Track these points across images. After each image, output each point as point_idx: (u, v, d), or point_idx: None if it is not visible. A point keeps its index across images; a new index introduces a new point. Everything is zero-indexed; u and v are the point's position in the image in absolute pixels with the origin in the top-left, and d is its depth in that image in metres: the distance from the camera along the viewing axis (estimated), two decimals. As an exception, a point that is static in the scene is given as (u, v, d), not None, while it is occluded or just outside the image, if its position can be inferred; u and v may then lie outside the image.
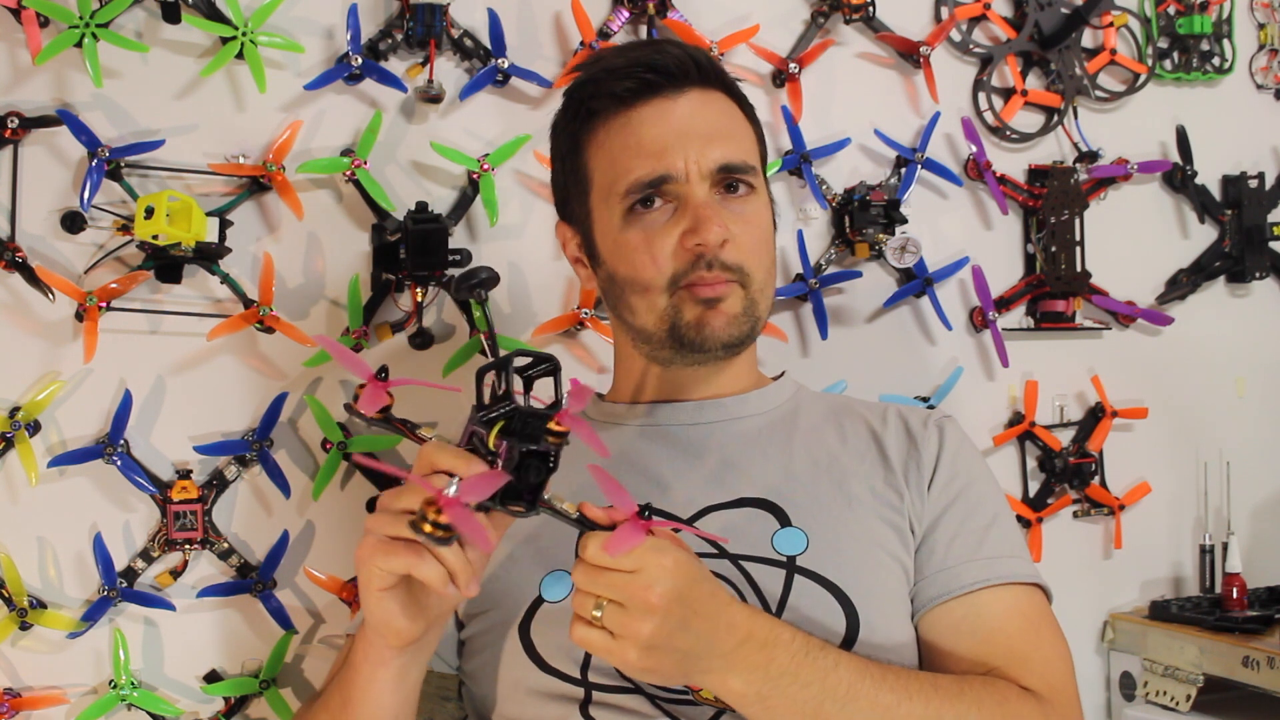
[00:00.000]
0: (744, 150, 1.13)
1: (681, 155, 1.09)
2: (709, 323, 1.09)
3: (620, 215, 1.11)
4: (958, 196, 1.66)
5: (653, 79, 1.11)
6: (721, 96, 1.15)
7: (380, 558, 0.86)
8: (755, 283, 1.11)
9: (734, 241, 1.09)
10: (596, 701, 1.02)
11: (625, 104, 1.12)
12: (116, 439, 1.33)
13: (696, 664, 0.89)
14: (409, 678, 0.99)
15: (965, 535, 1.09)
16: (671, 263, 1.09)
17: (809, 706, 0.92)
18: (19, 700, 1.30)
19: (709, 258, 1.08)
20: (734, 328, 1.10)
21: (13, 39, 1.32)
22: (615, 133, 1.12)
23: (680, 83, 1.11)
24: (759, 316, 1.13)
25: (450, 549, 0.84)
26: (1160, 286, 1.76)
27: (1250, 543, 1.75)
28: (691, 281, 1.09)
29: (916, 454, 1.13)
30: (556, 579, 1.07)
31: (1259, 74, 1.82)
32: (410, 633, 0.92)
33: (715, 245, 1.07)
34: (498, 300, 1.47)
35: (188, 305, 1.37)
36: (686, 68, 1.11)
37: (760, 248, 1.12)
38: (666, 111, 1.11)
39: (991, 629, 1.06)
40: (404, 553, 0.85)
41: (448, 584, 0.86)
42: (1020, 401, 1.67)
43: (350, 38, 1.39)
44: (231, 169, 1.36)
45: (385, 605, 0.89)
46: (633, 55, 1.14)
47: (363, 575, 0.88)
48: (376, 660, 0.96)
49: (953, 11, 1.64)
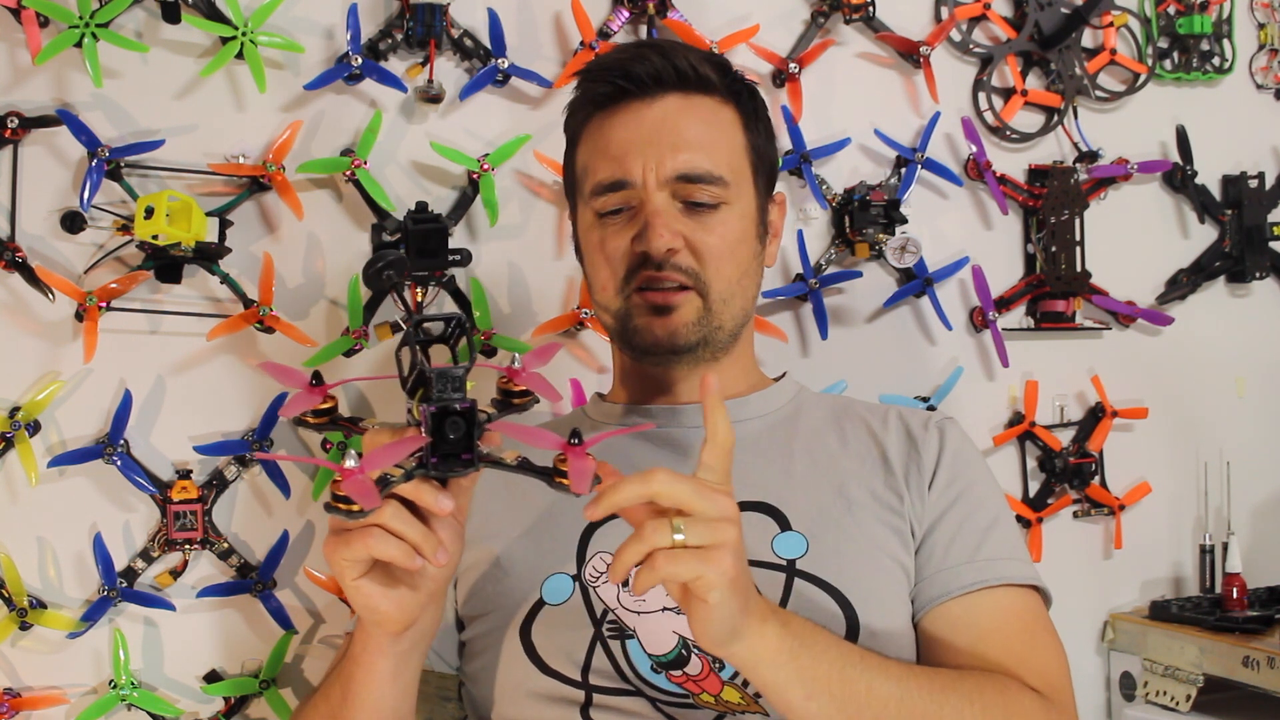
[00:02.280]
0: (713, 160, 1.12)
1: (640, 162, 1.10)
2: (654, 330, 1.11)
3: (591, 214, 1.14)
4: (958, 196, 1.66)
5: (625, 85, 1.12)
6: (709, 103, 1.14)
7: (341, 549, 0.86)
8: (715, 292, 1.11)
9: (692, 249, 1.10)
10: (597, 704, 1.02)
11: (602, 107, 1.14)
12: (116, 439, 1.33)
13: (750, 599, 0.88)
14: (408, 668, 0.98)
15: (964, 537, 1.09)
16: (623, 264, 1.11)
17: (834, 668, 0.92)
18: (19, 700, 1.30)
19: (658, 261, 1.09)
20: (682, 336, 1.11)
21: (13, 39, 1.33)
22: (592, 134, 1.15)
23: (653, 90, 1.12)
24: (718, 326, 1.12)
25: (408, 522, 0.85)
26: (1160, 286, 1.76)
27: (1250, 543, 1.75)
28: (639, 284, 1.10)
29: (917, 456, 1.13)
30: (557, 581, 1.07)
31: (1259, 74, 1.82)
32: (398, 616, 0.92)
33: (659, 252, 1.08)
34: (497, 300, 1.47)
35: (188, 305, 1.37)
36: (662, 75, 1.12)
37: (723, 257, 1.11)
38: (638, 117, 1.12)
39: (989, 628, 1.06)
40: (360, 538, 0.85)
41: (413, 558, 0.86)
42: (1020, 401, 1.67)
43: (350, 38, 1.39)
44: (231, 169, 1.36)
45: (364, 592, 0.90)
46: (616, 58, 1.15)
47: (334, 570, 0.89)
48: (375, 650, 0.96)
49: (953, 11, 1.64)
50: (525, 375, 0.90)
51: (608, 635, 1.03)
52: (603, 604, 1.04)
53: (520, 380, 0.90)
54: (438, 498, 0.85)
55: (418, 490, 0.85)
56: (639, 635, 1.02)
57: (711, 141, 1.12)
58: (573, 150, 1.19)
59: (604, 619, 1.03)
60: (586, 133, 1.16)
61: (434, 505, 0.85)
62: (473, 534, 1.13)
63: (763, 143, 1.18)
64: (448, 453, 0.84)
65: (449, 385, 0.85)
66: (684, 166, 1.10)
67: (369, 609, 0.91)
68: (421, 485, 0.85)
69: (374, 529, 0.85)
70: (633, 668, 1.02)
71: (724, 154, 1.13)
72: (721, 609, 0.84)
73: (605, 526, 1.08)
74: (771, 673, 0.90)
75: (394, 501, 0.86)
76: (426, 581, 0.92)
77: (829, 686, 0.91)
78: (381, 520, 0.85)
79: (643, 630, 1.02)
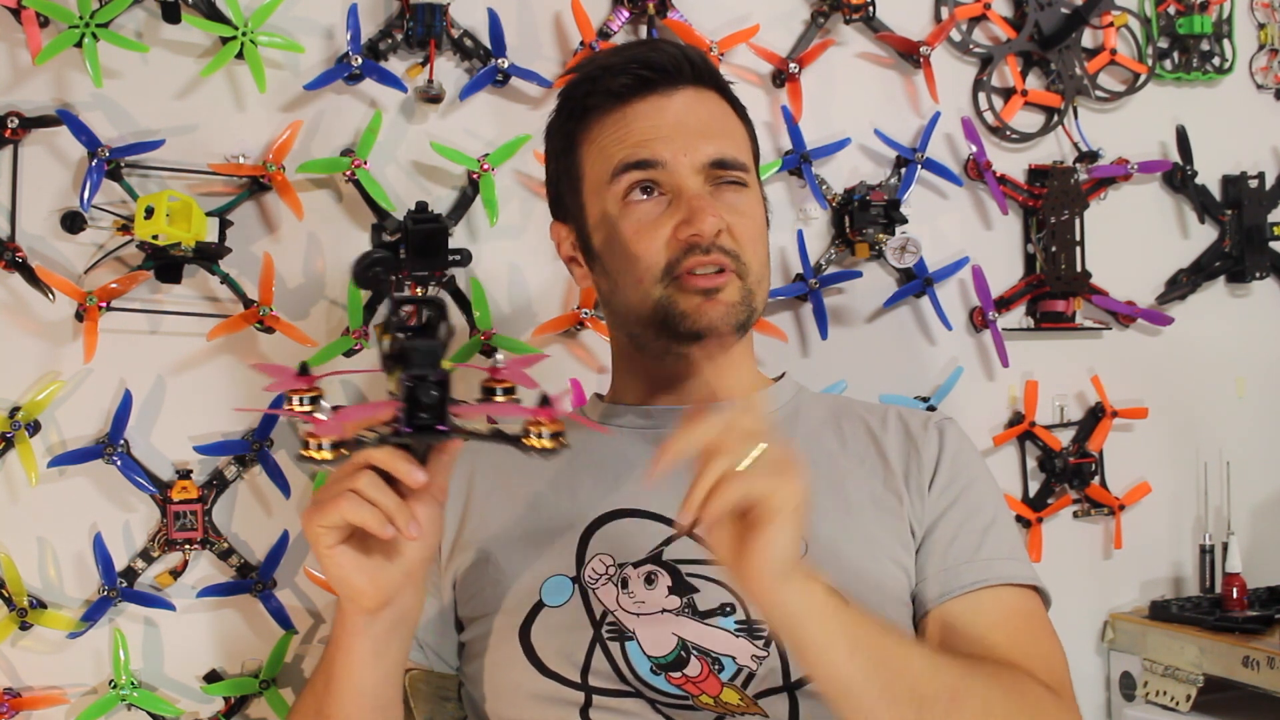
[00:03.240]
0: (738, 148, 1.14)
1: (670, 147, 1.10)
2: (706, 312, 1.09)
3: (614, 205, 1.12)
4: (958, 196, 1.66)
5: (648, 75, 1.12)
6: (715, 96, 1.16)
7: (316, 515, 0.88)
8: (752, 273, 1.11)
9: (730, 231, 1.10)
10: (597, 706, 1.01)
11: (620, 100, 1.13)
12: (116, 439, 1.33)
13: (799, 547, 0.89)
14: (389, 653, 0.98)
15: (965, 536, 1.09)
16: (665, 253, 1.09)
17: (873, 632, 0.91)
18: (19, 700, 1.30)
19: (704, 244, 1.08)
20: (732, 316, 1.10)
21: (13, 39, 1.32)
22: (609, 128, 1.13)
23: (675, 80, 1.13)
24: (755, 308, 1.13)
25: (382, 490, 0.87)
26: (1160, 286, 1.76)
27: (1250, 543, 1.75)
28: (687, 269, 1.09)
29: (917, 456, 1.13)
30: (557, 583, 1.07)
31: (1259, 74, 1.82)
32: (372, 591, 0.91)
33: (710, 235, 1.08)
34: (497, 300, 1.47)
35: (188, 305, 1.37)
36: (681, 66, 1.13)
37: (756, 240, 1.13)
38: (661, 107, 1.12)
39: (993, 624, 1.06)
40: (334, 503, 0.87)
41: (385, 525, 0.87)
42: (1020, 401, 1.67)
43: (350, 38, 1.39)
44: (231, 169, 1.36)
45: (337, 562, 0.90)
46: (629, 53, 1.16)
47: (310, 540, 0.90)
48: (353, 631, 0.95)
49: (953, 11, 1.64)
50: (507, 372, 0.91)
51: (607, 637, 1.03)
52: (602, 605, 1.04)
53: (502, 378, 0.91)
54: (410, 469, 0.87)
55: (391, 459, 0.87)
56: (638, 637, 1.02)
57: (731, 130, 1.15)
58: (571, 154, 1.17)
59: (603, 620, 1.03)
60: (595, 130, 1.14)
61: (406, 476, 0.87)
62: (471, 535, 1.13)
63: (754, 141, 1.21)
64: (421, 424, 0.86)
65: (426, 358, 0.86)
66: (716, 153, 1.11)
67: (343, 580, 0.91)
68: (396, 454, 0.87)
69: (349, 494, 0.87)
70: (632, 669, 1.02)
71: (742, 143, 1.16)
72: (784, 535, 0.85)
73: (604, 529, 1.08)
74: (818, 626, 0.88)
75: (370, 471, 0.87)
76: (402, 559, 0.92)
77: (869, 648, 0.90)
78: (357, 486, 0.86)
79: (642, 632, 1.02)
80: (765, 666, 1.01)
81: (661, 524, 1.08)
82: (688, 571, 1.05)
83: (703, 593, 1.04)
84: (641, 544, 1.07)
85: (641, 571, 1.05)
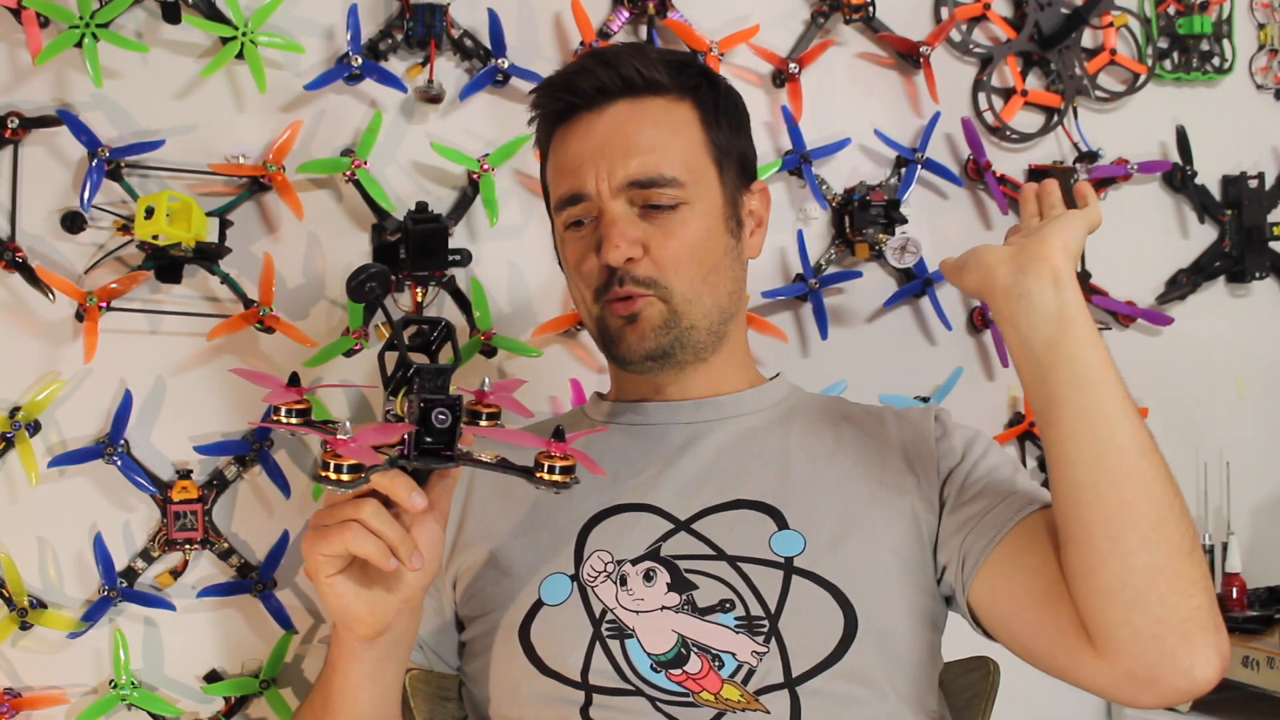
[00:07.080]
0: (666, 161, 1.10)
1: (593, 173, 1.10)
2: (625, 337, 1.11)
3: (560, 230, 1.16)
4: (958, 196, 1.66)
5: (571, 100, 1.13)
6: (661, 104, 1.13)
7: (319, 543, 0.87)
8: (677, 295, 1.10)
9: (650, 256, 1.10)
10: (597, 704, 1.01)
11: (557, 122, 1.15)
12: (116, 439, 1.33)
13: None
14: (385, 675, 0.98)
15: (996, 481, 1.08)
16: (595, 278, 1.12)
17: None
18: (19, 700, 1.30)
19: (620, 274, 1.10)
20: (652, 340, 1.10)
21: (13, 39, 1.33)
22: (555, 149, 1.16)
23: (599, 101, 1.12)
24: (689, 326, 1.11)
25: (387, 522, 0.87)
26: (1160, 286, 1.76)
27: (1250, 543, 1.75)
28: (607, 297, 1.11)
29: (919, 438, 1.14)
30: (556, 581, 1.07)
31: (1259, 74, 1.82)
32: (370, 619, 0.92)
33: (619, 263, 1.09)
34: (497, 300, 1.47)
35: (188, 305, 1.37)
36: (608, 86, 1.11)
37: (683, 259, 1.10)
38: (589, 128, 1.12)
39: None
40: (338, 533, 0.86)
41: (388, 557, 0.87)
42: (1020, 401, 1.67)
43: (350, 38, 1.39)
44: (231, 169, 1.36)
45: (337, 592, 0.90)
46: (563, 74, 1.17)
47: (310, 567, 0.90)
48: (350, 656, 0.96)
49: (953, 12, 1.64)
50: (494, 396, 0.93)
51: (607, 635, 1.03)
52: (601, 604, 1.04)
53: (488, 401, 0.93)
54: (411, 494, 0.86)
55: (394, 485, 0.86)
56: (638, 634, 1.02)
57: (663, 143, 1.11)
58: (543, 165, 1.20)
59: (603, 619, 1.03)
60: (550, 148, 1.17)
61: (406, 500, 0.86)
62: (471, 535, 1.13)
63: (727, 135, 1.16)
64: (428, 449, 0.86)
65: (435, 381, 0.87)
66: (635, 172, 1.10)
67: (341, 609, 0.91)
68: (397, 479, 0.86)
69: (352, 524, 0.86)
70: (632, 667, 1.02)
71: (678, 154, 1.12)
72: (1082, 224, 1.04)
73: (602, 525, 1.08)
74: (1078, 310, 0.96)
75: (373, 500, 0.87)
76: (401, 587, 0.93)
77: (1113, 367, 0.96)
78: (361, 516, 0.86)
79: (642, 629, 1.02)
80: (765, 663, 1.01)
81: (658, 517, 1.08)
82: (686, 568, 1.04)
83: (702, 589, 1.03)
84: (639, 538, 1.07)
85: (640, 568, 1.05)
